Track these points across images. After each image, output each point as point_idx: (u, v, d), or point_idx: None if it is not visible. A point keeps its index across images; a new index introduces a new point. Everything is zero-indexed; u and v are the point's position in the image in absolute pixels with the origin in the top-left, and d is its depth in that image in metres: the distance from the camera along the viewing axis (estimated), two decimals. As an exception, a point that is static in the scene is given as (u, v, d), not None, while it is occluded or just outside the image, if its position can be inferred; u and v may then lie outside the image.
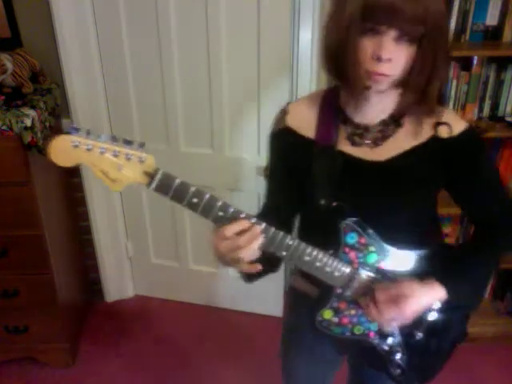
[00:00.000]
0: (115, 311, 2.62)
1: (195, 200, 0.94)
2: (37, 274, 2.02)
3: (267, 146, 1.17)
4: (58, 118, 2.11)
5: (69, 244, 2.35)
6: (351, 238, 1.04)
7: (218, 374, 2.24)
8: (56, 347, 2.22)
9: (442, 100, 1.03)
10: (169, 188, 0.93)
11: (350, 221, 1.02)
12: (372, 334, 1.12)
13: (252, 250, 0.93)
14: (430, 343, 1.15)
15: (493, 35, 1.90)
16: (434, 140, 1.02)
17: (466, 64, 1.92)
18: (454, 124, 1.02)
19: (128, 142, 0.90)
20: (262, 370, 2.23)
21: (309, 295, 1.18)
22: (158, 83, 2.10)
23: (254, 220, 0.95)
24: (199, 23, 1.93)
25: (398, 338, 1.12)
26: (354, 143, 1.05)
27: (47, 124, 1.90)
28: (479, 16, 1.87)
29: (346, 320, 1.11)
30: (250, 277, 1.07)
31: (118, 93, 2.17)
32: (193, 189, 0.94)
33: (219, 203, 0.95)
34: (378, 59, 0.90)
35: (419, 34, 0.89)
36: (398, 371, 1.15)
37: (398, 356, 1.14)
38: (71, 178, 2.30)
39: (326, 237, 1.05)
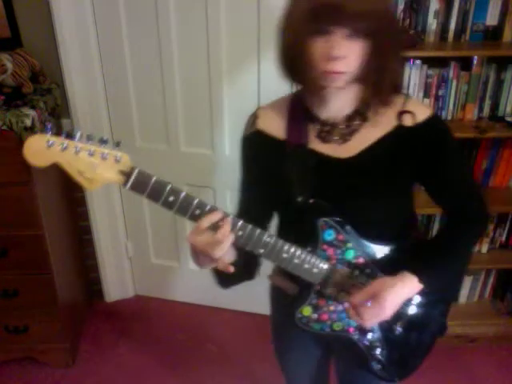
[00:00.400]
0: (115, 311, 2.62)
1: (171, 198, 0.93)
2: (37, 273, 2.02)
3: (240, 151, 1.17)
4: (57, 118, 2.11)
5: (69, 244, 2.35)
6: (329, 235, 1.05)
7: (218, 374, 2.24)
8: (56, 347, 2.22)
9: (398, 89, 1.04)
10: (145, 186, 0.93)
11: (327, 218, 1.04)
12: (351, 330, 1.14)
13: (226, 244, 0.94)
14: (410, 337, 1.16)
15: (493, 35, 1.90)
16: (399, 129, 1.02)
17: (465, 64, 1.92)
18: (417, 112, 1.02)
19: (103, 141, 0.89)
20: (262, 370, 2.23)
21: (287, 292, 1.20)
22: (158, 83, 2.10)
23: (230, 216, 0.95)
24: (199, 23, 1.93)
25: (378, 333, 1.14)
26: (323, 140, 1.06)
27: (47, 124, 1.90)
28: (479, 16, 1.87)
29: (325, 316, 1.12)
30: (224, 282, 1.11)
31: (118, 93, 2.17)
32: (169, 187, 0.93)
33: (195, 201, 0.94)
34: (331, 58, 0.91)
35: (367, 31, 0.90)
36: (379, 366, 1.17)
37: (378, 351, 1.15)
38: (71, 178, 2.30)
39: (304, 234, 1.06)
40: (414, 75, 1.90)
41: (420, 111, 1.03)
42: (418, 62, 1.88)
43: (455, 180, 1.10)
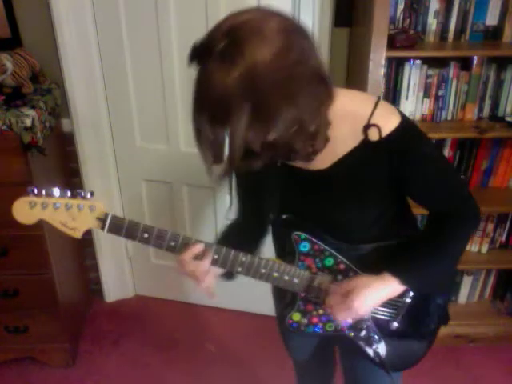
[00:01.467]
0: (115, 311, 2.62)
1: (146, 235, 1.04)
2: (37, 273, 2.02)
3: None
4: (57, 118, 2.11)
5: (69, 244, 2.34)
6: (304, 247, 1.10)
7: (218, 374, 2.24)
8: (56, 347, 2.22)
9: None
10: (120, 228, 1.04)
11: (299, 231, 1.08)
12: (345, 329, 1.17)
13: (205, 280, 1.05)
14: (407, 331, 1.17)
15: (493, 35, 1.90)
16: (365, 143, 0.99)
17: (465, 64, 1.92)
18: (382, 124, 0.97)
19: (79, 193, 1.01)
20: (262, 370, 2.23)
21: (286, 289, 1.22)
22: (158, 83, 2.10)
23: (203, 244, 1.05)
24: (199, 23, 1.93)
25: (373, 330, 1.16)
26: (289, 160, 1.05)
27: (47, 124, 1.90)
28: (479, 16, 1.86)
29: (315, 320, 1.17)
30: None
31: (118, 93, 2.17)
32: (142, 226, 1.04)
33: (168, 234, 1.04)
34: None
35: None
36: (378, 360, 1.19)
37: (375, 346, 1.18)
38: (71, 178, 2.30)
39: (283, 246, 1.12)
40: (413, 75, 1.90)
41: (386, 123, 0.98)
42: (418, 61, 1.88)
43: (433, 184, 1.07)
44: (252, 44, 0.78)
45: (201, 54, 0.85)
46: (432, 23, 1.88)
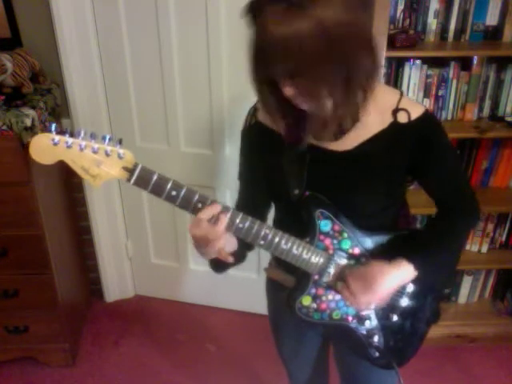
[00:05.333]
0: (115, 311, 2.62)
1: (174, 193, 0.98)
2: (37, 273, 2.02)
3: (240, 143, 1.21)
4: (57, 118, 2.11)
5: (69, 244, 2.35)
6: (325, 226, 1.09)
7: (218, 373, 2.24)
8: (56, 347, 2.22)
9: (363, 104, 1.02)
10: (148, 182, 0.97)
11: (323, 209, 1.08)
12: (350, 319, 1.17)
13: (221, 240, 1.00)
14: (405, 325, 1.19)
15: (493, 35, 1.90)
16: (394, 126, 1.04)
17: (466, 64, 1.92)
18: (411, 109, 1.04)
19: (107, 139, 0.93)
20: (262, 370, 2.23)
21: (284, 285, 1.22)
22: (158, 83, 2.10)
23: (231, 209, 1.00)
24: (199, 23, 1.93)
25: (375, 322, 1.17)
26: (316, 138, 1.07)
27: (47, 124, 1.90)
28: (479, 16, 1.87)
29: (324, 305, 1.15)
30: (219, 268, 1.16)
31: (118, 93, 2.18)
32: (170, 182, 0.98)
33: (196, 195, 0.99)
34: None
35: (288, 73, 0.90)
36: (377, 354, 1.20)
37: (376, 339, 1.18)
38: (71, 178, 2.30)
39: (302, 226, 1.10)
40: (413, 75, 1.90)
41: (414, 109, 1.05)
42: (418, 61, 1.88)
43: (447, 174, 1.13)
44: None
45: (264, 3, 0.85)
46: (432, 23, 1.88)
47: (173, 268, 2.59)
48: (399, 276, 1.06)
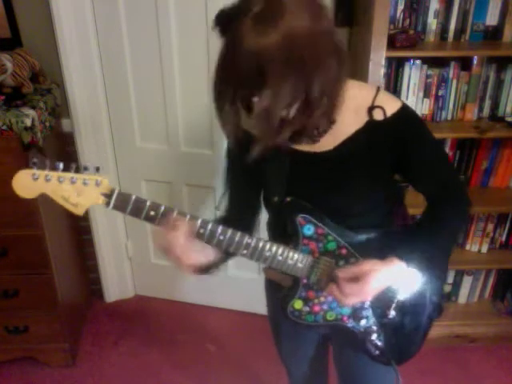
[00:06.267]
0: (115, 311, 2.62)
1: (152, 213, 1.01)
2: (37, 273, 2.02)
3: (226, 149, 1.20)
4: (57, 118, 2.11)
5: (69, 244, 2.35)
6: (308, 230, 1.09)
7: (218, 373, 2.24)
8: (56, 347, 2.22)
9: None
10: (126, 205, 1.01)
11: (304, 214, 1.08)
12: (345, 319, 1.17)
13: (176, 246, 1.00)
14: (405, 321, 1.18)
15: (493, 35, 1.90)
16: (371, 124, 1.04)
17: (465, 64, 1.92)
18: (387, 106, 1.04)
19: (84, 168, 0.98)
20: (262, 370, 2.23)
21: (282, 285, 1.22)
22: (158, 83, 2.10)
23: (209, 224, 1.02)
24: (199, 23, 1.93)
25: (372, 320, 1.16)
26: (294, 142, 1.06)
27: (47, 124, 1.90)
28: (479, 16, 1.86)
29: (317, 308, 1.15)
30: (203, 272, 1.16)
31: (118, 93, 2.17)
32: (148, 203, 1.00)
33: (175, 211, 1.01)
34: None
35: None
36: (377, 352, 1.19)
37: (374, 336, 1.18)
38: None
39: (286, 231, 1.10)
40: (413, 75, 1.90)
41: (390, 105, 1.04)
42: (418, 61, 1.88)
43: (429, 167, 1.12)
44: (292, 7, 0.82)
45: (232, 17, 0.87)
46: (432, 23, 1.88)
47: (173, 268, 2.56)
48: (391, 273, 1.05)
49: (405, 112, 1.06)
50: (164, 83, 2.10)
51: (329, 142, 1.06)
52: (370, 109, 1.04)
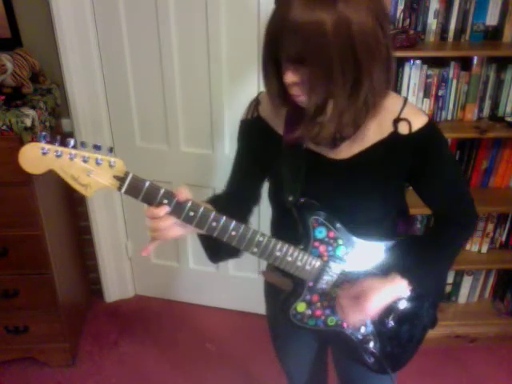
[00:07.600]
0: (115, 311, 2.62)
1: (165, 201, 0.95)
2: (37, 273, 2.02)
3: (238, 133, 1.19)
4: (57, 118, 2.11)
5: (69, 244, 2.35)
6: (320, 233, 1.08)
7: (218, 373, 2.24)
8: (56, 347, 2.22)
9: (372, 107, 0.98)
10: (139, 190, 0.94)
11: (318, 216, 1.06)
12: (345, 325, 1.16)
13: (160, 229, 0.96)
14: (402, 331, 1.18)
15: (493, 35, 1.90)
16: (394, 136, 1.02)
17: (466, 64, 1.92)
18: (413, 120, 1.01)
19: (97, 147, 0.90)
20: (262, 370, 2.23)
21: (281, 289, 1.21)
22: (158, 83, 2.10)
23: (222, 218, 0.98)
24: (199, 23, 1.93)
25: (371, 327, 1.16)
26: (315, 143, 1.05)
27: (47, 124, 1.90)
28: (479, 16, 1.87)
29: (319, 312, 1.15)
30: (213, 257, 1.15)
31: (118, 93, 2.17)
32: (162, 190, 0.95)
33: (188, 204, 0.96)
34: (285, 83, 0.93)
35: (301, 60, 0.88)
36: (372, 359, 1.19)
37: (371, 344, 1.17)
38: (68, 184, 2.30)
39: (296, 232, 1.09)
40: (413, 75, 1.90)
41: (417, 119, 1.02)
42: (418, 61, 1.88)
43: (445, 187, 1.11)
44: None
45: None
46: (432, 23, 1.88)
47: (173, 268, 2.59)
48: (392, 291, 1.05)
49: (431, 128, 1.03)
50: (164, 83, 2.10)
51: (348, 149, 1.04)
52: (396, 121, 1.02)
